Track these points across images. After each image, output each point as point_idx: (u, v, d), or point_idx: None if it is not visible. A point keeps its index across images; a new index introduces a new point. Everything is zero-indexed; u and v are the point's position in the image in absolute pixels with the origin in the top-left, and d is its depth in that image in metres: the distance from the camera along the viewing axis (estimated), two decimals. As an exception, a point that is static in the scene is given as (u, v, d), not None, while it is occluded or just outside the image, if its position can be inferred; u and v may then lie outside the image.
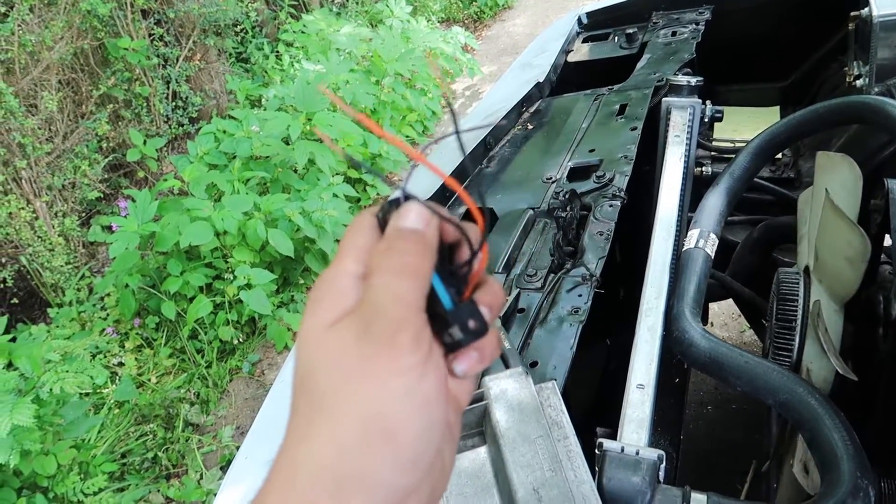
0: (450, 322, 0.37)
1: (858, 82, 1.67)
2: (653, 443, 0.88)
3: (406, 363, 0.32)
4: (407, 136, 4.83)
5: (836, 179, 1.17)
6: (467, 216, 0.40)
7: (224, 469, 2.75)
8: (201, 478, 2.74)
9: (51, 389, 2.17)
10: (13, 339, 2.54)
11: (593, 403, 1.52)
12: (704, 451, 2.32)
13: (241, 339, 3.35)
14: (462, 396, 0.40)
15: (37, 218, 3.35)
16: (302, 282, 3.58)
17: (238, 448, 2.78)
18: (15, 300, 3.43)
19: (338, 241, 3.23)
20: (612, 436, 0.88)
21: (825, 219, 1.12)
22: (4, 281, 3.25)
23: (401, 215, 0.36)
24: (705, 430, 2.42)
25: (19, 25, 3.35)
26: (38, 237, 3.31)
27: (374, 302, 0.33)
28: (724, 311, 2.87)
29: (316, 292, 0.36)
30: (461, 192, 0.40)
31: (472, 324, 0.37)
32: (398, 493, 0.32)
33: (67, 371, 2.24)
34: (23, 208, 3.23)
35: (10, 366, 2.31)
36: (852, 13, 1.68)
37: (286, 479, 0.32)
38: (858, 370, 1.03)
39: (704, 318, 1.73)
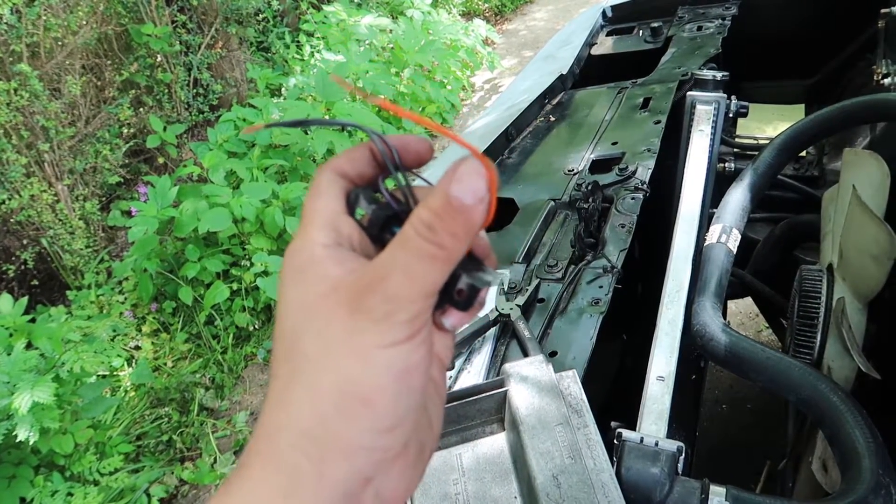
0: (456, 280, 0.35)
1: (886, 81, 1.65)
2: (670, 436, 0.88)
3: (394, 339, 0.31)
4: (426, 129, 4.83)
5: (864, 176, 1.16)
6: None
7: (238, 454, 2.77)
8: (215, 461, 2.77)
9: (70, 369, 2.20)
10: (33, 320, 2.57)
11: (607, 399, 1.52)
12: (718, 449, 2.31)
13: (256, 326, 3.37)
14: (444, 353, 0.39)
15: (58, 201, 3.38)
16: (318, 271, 3.59)
17: (251, 432, 2.81)
18: (35, 282, 3.47)
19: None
20: (629, 428, 0.88)
21: (851, 216, 1.11)
22: (25, 262, 3.29)
23: (459, 178, 0.30)
24: (719, 428, 2.41)
25: (45, 10, 3.38)
26: (59, 220, 3.35)
27: (383, 277, 0.31)
28: (742, 311, 2.85)
29: (292, 264, 0.34)
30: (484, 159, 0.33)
31: (470, 283, 0.35)
32: (382, 454, 0.33)
33: (87, 351, 2.27)
34: (45, 191, 3.27)
35: (29, 346, 2.34)
36: (883, 10, 1.66)
37: (268, 442, 0.32)
38: (881, 369, 1.02)
39: (723, 316, 1.72)
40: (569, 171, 1.48)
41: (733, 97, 1.56)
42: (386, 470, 0.33)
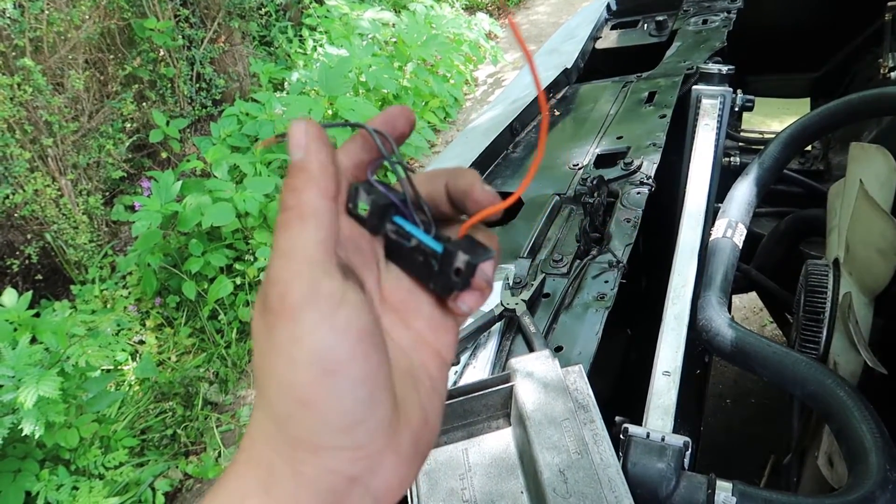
0: (443, 264, 0.35)
1: (893, 74, 1.64)
2: (676, 431, 0.88)
3: (302, 327, 0.30)
4: (429, 122, 4.82)
5: (870, 171, 1.15)
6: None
7: (242, 448, 2.78)
8: (219, 455, 2.78)
9: (75, 363, 2.20)
10: (37, 315, 2.58)
11: (613, 393, 1.52)
12: (722, 444, 2.31)
13: (260, 321, 3.36)
14: (445, 350, 0.39)
15: (62, 195, 3.38)
16: (321, 265, 3.59)
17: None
18: (39, 276, 3.47)
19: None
20: (635, 423, 0.88)
21: (858, 210, 1.10)
22: (29, 257, 3.30)
23: (289, 137, 0.32)
24: (723, 423, 2.41)
25: (48, 4, 3.37)
26: (63, 215, 3.35)
27: (268, 266, 0.32)
28: (746, 305, 2.85)
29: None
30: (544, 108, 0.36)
31: (467, 259, 0.35)
32: (352, 453, 0.32)
33: (91, 345, 2.27)
34: (48, 186, 3.27)
35: (33, 340, 2.34)
36: (889, 3, 1.65)
37: (250, 440, 0.33)
38: (887, 364, 1.02)
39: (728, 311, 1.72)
40: (573, 165, 1.48)
41: (739, 91, 1.55)
42: (372, 467, 0.33)
